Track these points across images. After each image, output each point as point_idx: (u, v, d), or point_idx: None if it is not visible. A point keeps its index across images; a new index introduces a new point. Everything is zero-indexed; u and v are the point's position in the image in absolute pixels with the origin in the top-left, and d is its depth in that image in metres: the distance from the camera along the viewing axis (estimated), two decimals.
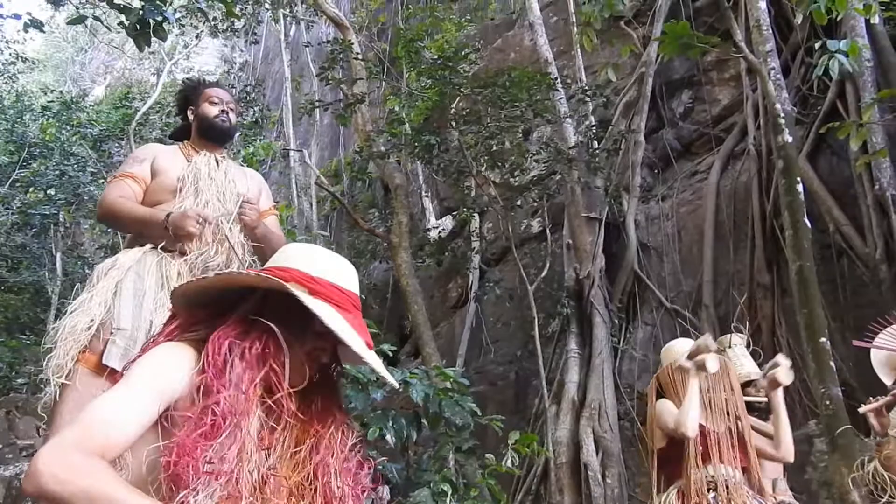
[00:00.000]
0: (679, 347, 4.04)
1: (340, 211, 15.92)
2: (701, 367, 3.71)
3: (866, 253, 8.70)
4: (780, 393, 4.04)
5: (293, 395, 1.92)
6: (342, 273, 2.02)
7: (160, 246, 3.46)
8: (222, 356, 1.80)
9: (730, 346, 5.32)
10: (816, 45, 7.70)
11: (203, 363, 1.81)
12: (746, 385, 5.11)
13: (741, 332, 5.54)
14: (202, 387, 1.78)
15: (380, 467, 4.55)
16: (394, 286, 11.30)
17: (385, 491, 4.37)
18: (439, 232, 12.55)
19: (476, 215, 11.74)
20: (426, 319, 9.56)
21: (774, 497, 4.90)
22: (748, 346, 5.44)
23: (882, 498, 3.93)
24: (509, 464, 4.61)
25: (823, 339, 6.71)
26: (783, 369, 4.07)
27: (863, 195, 8.83)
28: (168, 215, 3.39)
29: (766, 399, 5.10)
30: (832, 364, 6.65)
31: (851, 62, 7.30)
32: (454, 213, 12.69)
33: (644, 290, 11.01)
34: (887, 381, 4.12)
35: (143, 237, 3.52)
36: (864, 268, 8.76)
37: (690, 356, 3.79)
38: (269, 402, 1.87)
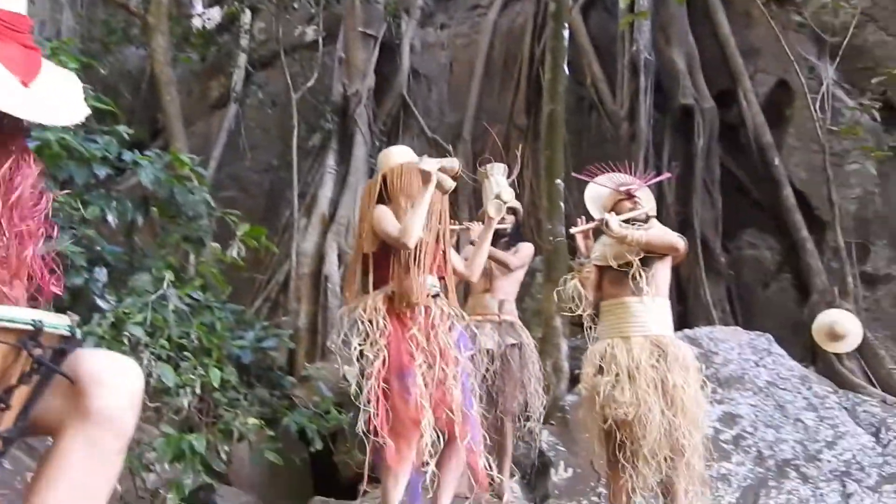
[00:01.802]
0: (399, 152, 4.09)
1: None
2: (440, 185, 3.78)
3: (614, 110, 9.23)
4: (492, 224, 4.26)
5: None
6: None
7: None
8: None
9: (492, 175, 5.54)
10: None
11: None
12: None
13: (502, 163, 5.77)
14: None
15: (97, 247, 4.40)
16: (150, 76, 10.59)
17: None
18: (204, 22, 11.83)
19: (247, 11, 11.13)
20: (179, 113, 9.12)
21: (499, 315, 5.28)
22: (508, 175, 5.68)
23: (575, 311, 4.31)
24: (235, 254, 4.58)
25: (559, 181, 7.11)
26: (494, 203, 4.33)
27: (621, 54, 9.26)
28: None
29: (509, 225, 5.40)
30: (562, 205, 7.09)
31: None
32: (223, 4, 11.98)
33: (409, 117, 11.10)
34: (596, 217, 4.44)
35: None
36: (609, 123, 9.32)
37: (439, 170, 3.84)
38: None
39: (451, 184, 3.84)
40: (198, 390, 4.00)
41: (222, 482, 5.64)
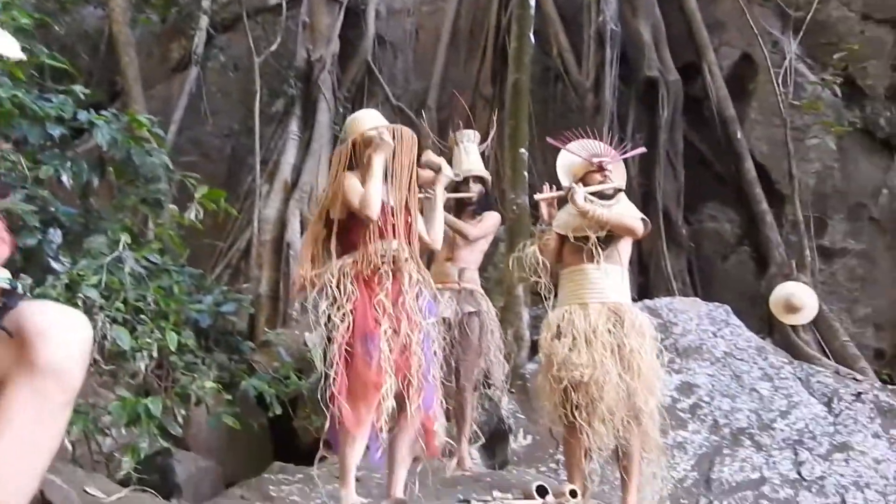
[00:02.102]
0: (368, 117, 4.06)
1: None
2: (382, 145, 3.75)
3: (579, 80, 9.23)
4: (440, 189, 4.20)
5: None
6: None
7: None
8: None
9: (462, 142, 5.51)
10: None
11: None
12: (466, 181, 5.34)
13: (472, 130, 5.74)
14: None
15: (52, 208, 4.31)
16: (108, 37, 10.37)
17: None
18: None
19: None
20: (137, 75, 8.97)
21: (459, 283, 5.27)
22: (480, 143, 5.64)
23: (533, 278, 4.33)
24: (193, 217, 4.51)
25: (523, 150, 7.12)
26: (446, 168, 4.31)
27: (587, 24, 9.25)
28: None
29: (475, 194, 5.37)
30: (526, 174, 7.10)
31: None
32: None
33: (374, 84, 11.01)
34: (565, 184, 4.44)
35: None
36: (574, 93, 9.32)
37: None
38: None
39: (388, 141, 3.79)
40: (154, 354, 3.96)
41: (180, 447, 5.62)
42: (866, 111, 8.70)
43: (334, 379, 3.57)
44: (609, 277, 4.23)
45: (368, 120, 4.03)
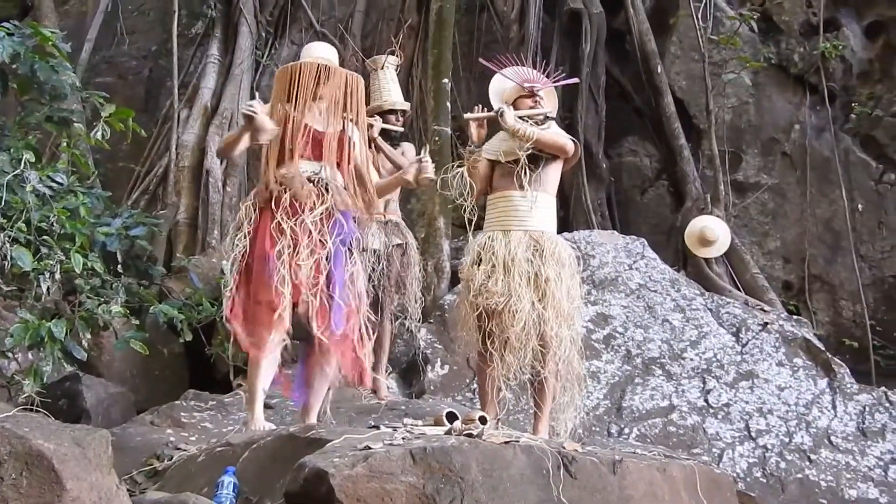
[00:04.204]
0: (317, 50, 4.03)
1: None
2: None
3: (504, 11, 9.17)
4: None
5: None
6: None
7: None
8: None
9: (383, 68, 5.43)
10: None
11: None
12: (390, 112, 5.30)
13: (395, 56, 5.65)
14: None
15: None
16: None
17: None
18: None
19: None
20: None
21: (384, 215, 5.26)
22: (397, 70, 5.58)
23: (459, 200, 4.33)
24: (100, 136, 4.36)
25: (446, 80, 7.07)
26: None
27: None
28: None
29: (402, 129, 5.37)
30: (448, 105, 7.05)
31: None
32: None
33: (297, 9, 10.72)
34: (496, 107, 4.42)
35: None
36: (499, 24, 9.25)
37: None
38: None
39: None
40: (58, 276, 3.85)
41: (93, 374, 5.54)
42: (781, 47, 8.84)
43: (228, 300, 3.55)
44: (535, 205, 4.25)
45: (315, 50, 4.01)
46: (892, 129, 8.41)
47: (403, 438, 2.74)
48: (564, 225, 7.82)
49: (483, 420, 3.49)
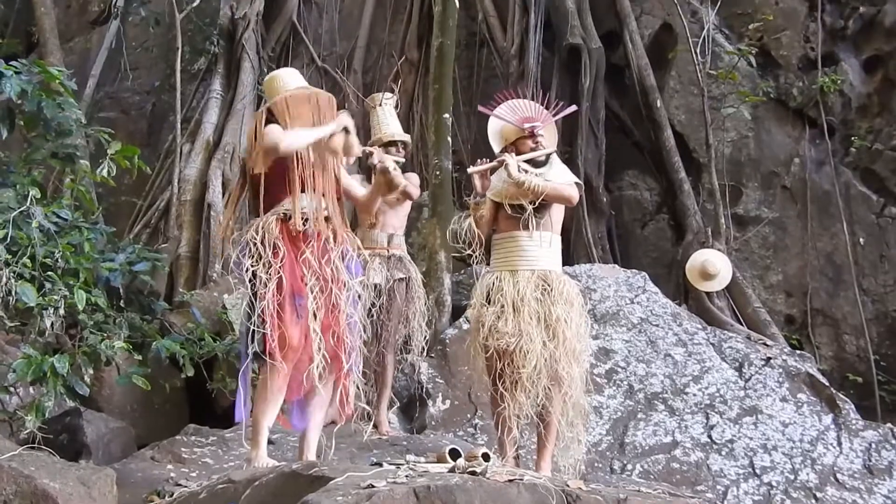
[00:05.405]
0: (284, 78, 4.01)
1: None
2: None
3: (504, 47, 9.26)
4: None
5: None
6: None
7: None
8: None
9: (381, 105, 5.49)
10: None
11: None
12: (390, 144, 5.34)
13: (392, 93, 5.71)
14: None
15: None
16: None
17: None
18: None
19: None
20: (54, 26, 8.68)
21: (388, 249, 5.28)
22: (396, 106, 5.64)
23: (467, 251, 4.34)
24: (105, 173, 4.39)
25: (447, 115, 7.09)
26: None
27: None
28: None
29: (404, 159, 5.41)
30: (449, 139, 7.09)
31: None
32: None
33: (298, 44, 10.87)
34: (497, 149, 4.45)
35: None
36: (499, 59, 9.34)
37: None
38: None
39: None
40: (62, 312, 3.86)
41: (93, 409, 5.52)
42: (780, 81, 8.91)
43: (270, 336, 3.52)
44: (541, 245, 4.28)
45: (290, 80, 3.99)
46: (892, 162, 8.42)
47: (407, 476, 2.73)
48: (565, 258, 7.73)
49: (486, 457, 3.47)
